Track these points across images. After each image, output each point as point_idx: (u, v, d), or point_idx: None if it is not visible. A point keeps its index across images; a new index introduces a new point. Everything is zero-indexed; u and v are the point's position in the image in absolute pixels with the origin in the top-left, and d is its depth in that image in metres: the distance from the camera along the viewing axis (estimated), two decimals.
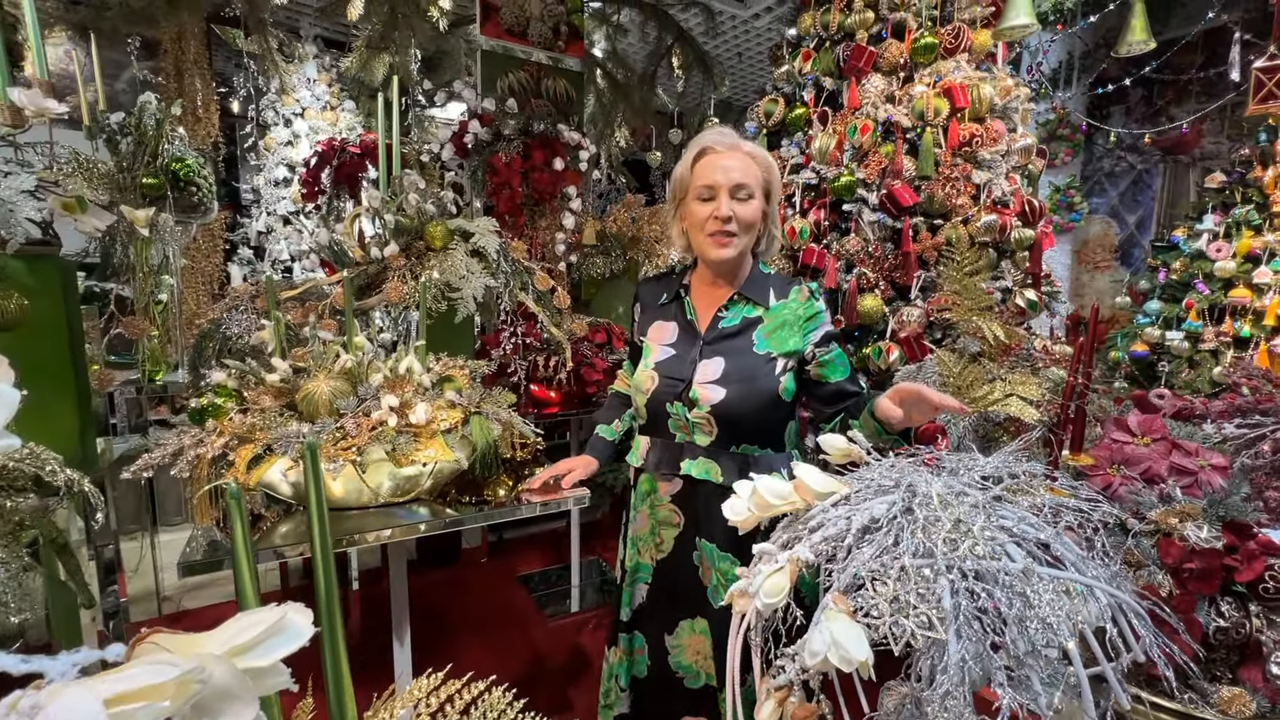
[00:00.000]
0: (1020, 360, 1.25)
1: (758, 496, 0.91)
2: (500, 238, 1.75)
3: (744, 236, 1.14)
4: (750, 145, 1.16)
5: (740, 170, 1.12)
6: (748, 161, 1.13)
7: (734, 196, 1.13)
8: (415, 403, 1.18)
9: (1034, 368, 1.22)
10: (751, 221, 1.14)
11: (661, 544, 1.24)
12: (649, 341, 1.28)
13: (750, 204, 1.13)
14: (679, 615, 1.23)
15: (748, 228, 1.14)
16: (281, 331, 1.19)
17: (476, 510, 1.33)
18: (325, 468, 1.08)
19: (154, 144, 2.30)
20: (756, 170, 1.14)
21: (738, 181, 1.12)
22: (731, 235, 1.13)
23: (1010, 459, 0.93)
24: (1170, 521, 1.30)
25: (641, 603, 1.27)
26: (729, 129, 1.18)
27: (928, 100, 1.81)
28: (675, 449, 1.22)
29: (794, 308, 1.19)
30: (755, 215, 1.14)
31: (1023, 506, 0.85)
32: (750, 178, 1.13)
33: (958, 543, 0.75)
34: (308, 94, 3.63)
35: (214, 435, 1.07)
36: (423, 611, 2.66)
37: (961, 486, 0.84)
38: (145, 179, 2.26)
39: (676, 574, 1.22)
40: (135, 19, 2.41)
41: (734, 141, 1.15)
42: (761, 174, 1.16)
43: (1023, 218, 1.88)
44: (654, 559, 1.25)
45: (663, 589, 1.25)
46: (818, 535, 0.83)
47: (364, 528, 1.20)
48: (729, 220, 1.12)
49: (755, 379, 1.15)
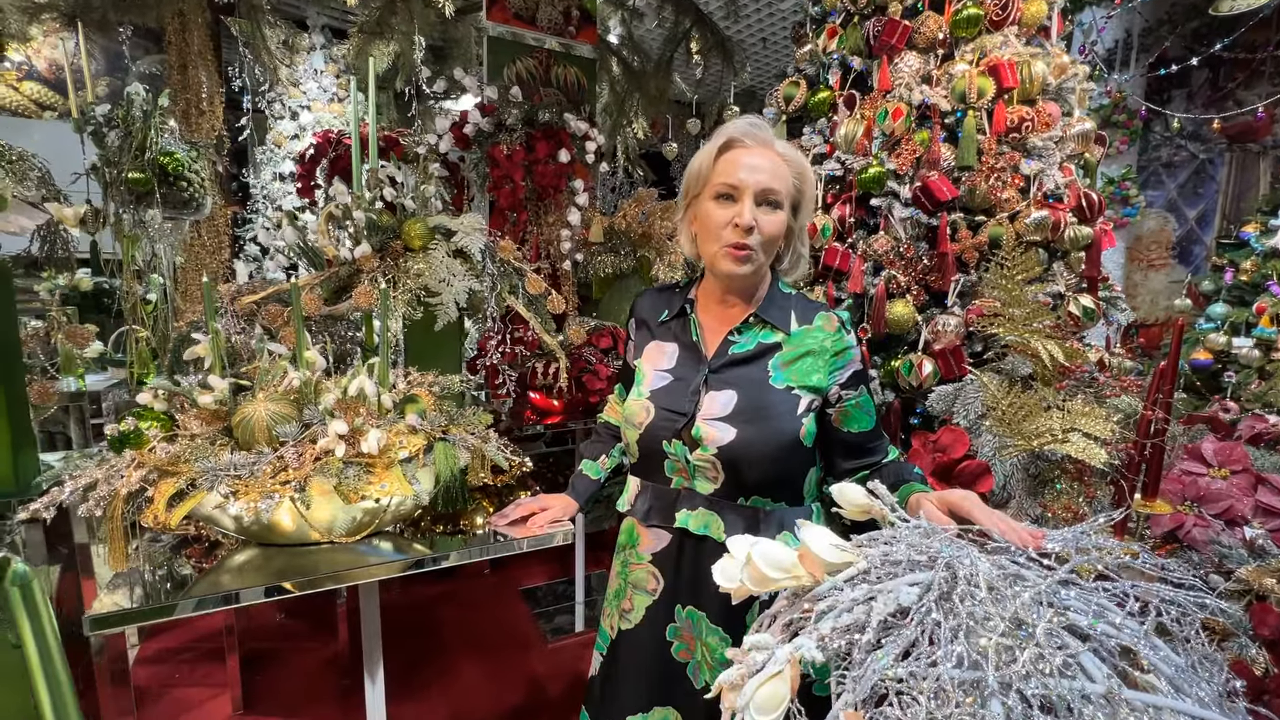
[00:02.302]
0: (1081, 385, 1.04)
1: (752, 568, 0.73)
2: (488, 236, 1.60)
3: (764, 253, 0.95)
4: (785, 146, 0.97)
5: (770, 173, 0.93)
6: (780, 164, 0.94)
7: (760, 203, 0.94)
8: (368, 429, 1.03)
9: (1098, 394, 1.01)
10: (775, 236, 0.95)
11: (628, 611, 1.05)
12: (643, 365, 1.09)
13: (776, 215, 0.94)
14: (639, 702, 1.02)
15: (770, 243, 0.95)
16: (220, 346, 1.05)
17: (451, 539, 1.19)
18: (259, 506, 0.94)
19: (141, 137, 2.20)
20: (789, 176, 0.95)
21: (766, 186, 0.92)
22: (750, 250, 0.93)
23: (1080, 534, 0.73)
24: (1266, 583, 1.08)
25: (594, 675, 1.08)
26: (762, 120, 0.99)
27: (970, 79, 1.59)
28: (670, 496, 1.02)
29: (819, 337, 0.99)
30: (780, 229, 0.95)
31: (1096, 592, 0.66)
32: (781, 183, 0.94)
33: (1015, 651, 0.57)
34: (315, 86, 3.52)
35: (131, 467, 0.93)
36: (419, 626, 2.54)
37: (1017, 568, 0.65)
38: (131, 174, 2.17)
39: (641, 651, 1.02)
40: (126, 6, 2.31)
41: (767, 138, 0.95)
42: (794, 181, 0.96)
43: (1079, 213, 1.65)
44: (614, 628, 1.07)
45: (621, 666, 1.05)
46: (826, 623, 0.65)
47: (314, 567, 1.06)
48: (750, 231, 0.92)
49: (771, 418, 0.95)
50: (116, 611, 0.90)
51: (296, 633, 2.46)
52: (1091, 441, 0.92)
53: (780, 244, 0.98)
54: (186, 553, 1.16)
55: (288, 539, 1.09)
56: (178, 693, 2.08)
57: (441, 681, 2.18)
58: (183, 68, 3.21)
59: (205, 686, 2.11)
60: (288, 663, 2.27)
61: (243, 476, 0.94)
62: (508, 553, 1.20)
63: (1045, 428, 0.93)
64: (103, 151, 2.13)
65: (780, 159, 0.94)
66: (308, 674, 2.21)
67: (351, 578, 1.05)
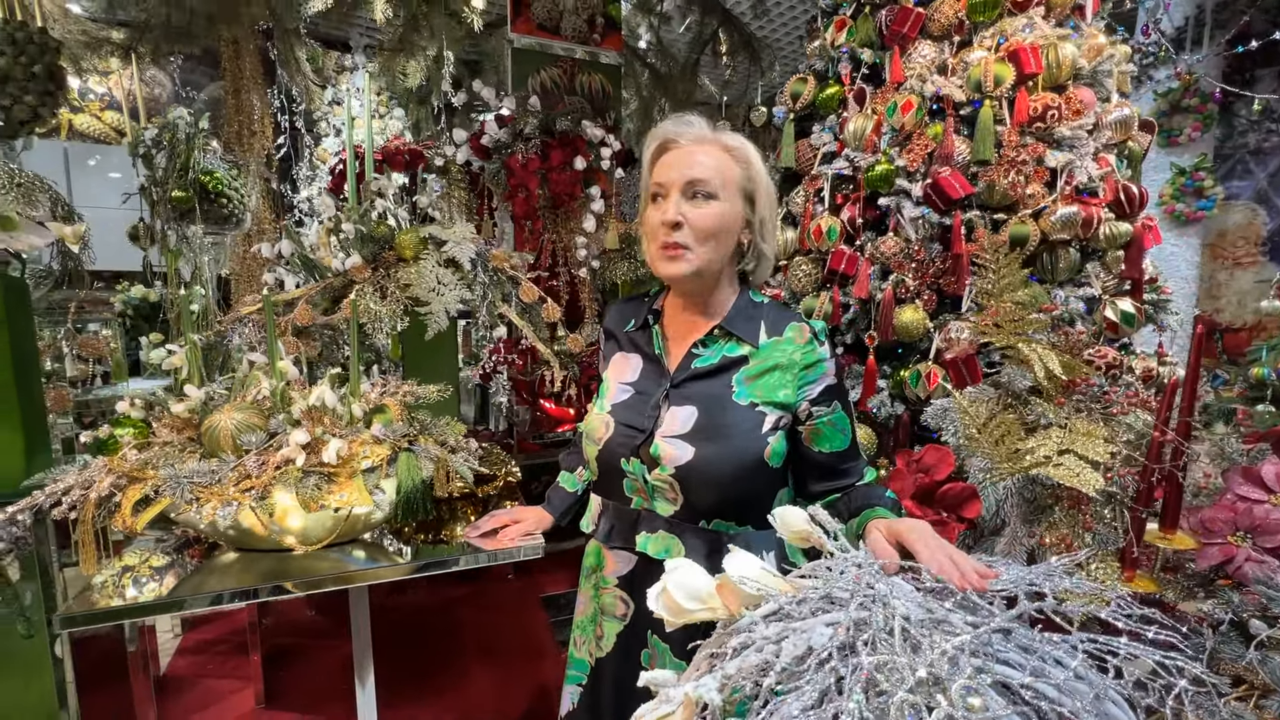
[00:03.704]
0: (1090, 401, 0.92)
1: (667, 597, 0.67)
2: (482, 245, 1.60)
3: (701, 249, 0.88)
4: (731, 137, 0.91)
5: (699, 164, 0.88)
6: (718, 156, 0.89)
7: (690, 196, 0.88)
8: (329, 439, 1.04)
9: (1105, 411, 0.89)
10: (709, 229, 0.88)
11: (601, 638, 1.00)
12: (608, 377, 1.04)
13: (709, 206, 0.88)
14: None
15: (704, 237, 0.88)
16: (197, 356, 1.09)
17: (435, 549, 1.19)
18: (217, 514, 0.96)
19: (184, 158, 2.35)
20: (728, 166, 0.89)
21: (692, 177, 0.87)
22: (681, 247, 0.88)
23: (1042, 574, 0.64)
24: None
25: (571, 709, 1.03)
26: (691, 114, 0.93)
27: (986, 67, 1.46)
28: (631, 517, 0.97)
29: (788, 349, 0.92)
30: (715, 221, 0.88)
31: (1050, 644, 0.57)
32: (711, 173, 0.88)
33: (921, 712, 0.50)
34: (357, 104, 3.68)
35: (103, 473, 0.97)
36: (437, 628, 2.58)
37: (946, 612, 0.57)
38: (175, 192, 2.32)
39: (618, 679, 0.97)
40: (176, 37, 2.48)
41: (699, 132, 0.90)
42: (737, 171, 0.90)
43: (1116, 208, 1.50)
44: (592, 655, 1.02)
45: (599, 697, 1.00)
46: (734, 663, 0.59)
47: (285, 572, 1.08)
48: (677, 226, 0.87)
49: (733, 436, 0.89)
50: (84, 612, 0.94)
51: (320, 631, 2.55)
52: (1086, 465, 0.81)
53: (735, 240, 0.92)
54: (189, 553, 1.21)
55: (264, 544, 1.12)
56: (207, 684, 2.19)
57: (450, 684, 2.19)
58: (236, 92, 3.42)
59: (233, 679, 2.21)
60: (310, 660, 2.35)
61: (204, 484, 0.97)
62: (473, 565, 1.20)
63: (1032, 449, 0.82)
64: (150, 172, 2.29)
65: (718, 148, 0.89)
66: (328, 672, 2.27)
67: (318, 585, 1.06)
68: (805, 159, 1.82)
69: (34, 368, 1.27)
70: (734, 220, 0.90)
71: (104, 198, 3.69)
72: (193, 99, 4.11)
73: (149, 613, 0.99)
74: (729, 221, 0.89)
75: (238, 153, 3.21)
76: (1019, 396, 0.98)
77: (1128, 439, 0.88)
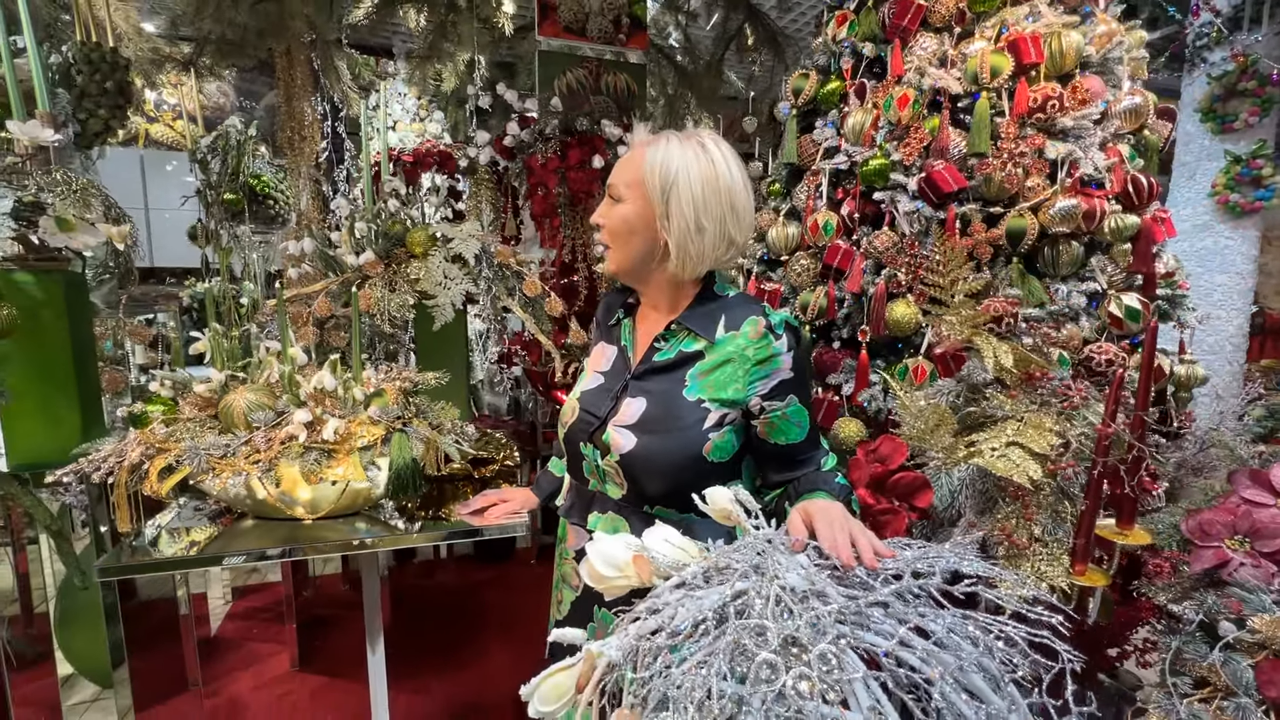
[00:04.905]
0: (1049, 395, 0.91)
1: (589, 565, 0.73)
2: (489, 241, 1.69)
3: (616, 249, 0.96)
4: (664, 141, 0.93)
5: (616, 171, 0.95)
6: (636, 156, 0.93)
7: (612, 200, 0.96)
8: (328, 419, 1.15)
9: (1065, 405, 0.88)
10: (615, 230, 0.94)
11: (561, 603, 1.08)
12: (587, 365, 1.11)
13: (618, 208, 0.94)
14: None
15: (614, 236, 0.95)
16: (219, 342, 1.22)
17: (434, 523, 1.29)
18: (229, 482, 1.08)
19: (235, 163, 2.55)
20: (638, 167, 0.93)
21: (610, 182, 0.95)
22: (606, 247, 0.97)
23: (937, 555, 0.66)
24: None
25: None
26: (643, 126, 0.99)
27: (983, 58, 1.44)
28: (587, 497, 1.04)
29: (741, 344, 0.94)
30: (620, 222, 0.94)
31: (932, 620, 0.60)
32: (624, 175, 0.94)
33: (778, 670, 0.54)
34: (399, 108, 3.87)
35: (134, 444, 1.11)
36: (460, 609, 2.72)
37: (827, 585, 0.61)
38: (226, 195, 2.52)
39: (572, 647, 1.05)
40: (230, 51, 2.69)
41: (640, 137, 0.96)
42: (646, 170, 0.92)
43: (1124, 200, 1.45)
44: (552, 619, 1.10)
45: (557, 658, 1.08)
46: (634, 627, 0.65)
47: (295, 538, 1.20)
48: (599, 229, 0.96)
49: (673, 430, 0.93)
50: (117, 565, 1.08)
51: (352, 604, 2.73)
52: (1030, 458, 0.81)
53: (637, 239, 0.95)
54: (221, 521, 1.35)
55: (277, 513, 1.24)
56: (250, 647, 2.39)
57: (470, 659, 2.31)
58: (289, 100, 3.66)
59: (273, 643, 2.40)
60: (342, 630, 2.52)
61: (218, 455, 1.09)
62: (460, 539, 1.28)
63: (981, 440, 0.83)
64: (204, 176, 2.51)
65: (639, 152, 0.94)
66: (356, 641, 2.44)
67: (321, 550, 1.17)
68: (808, 154, 1.83)
69: (90, 353, 1.44)
70: (640, 220, 0.93)
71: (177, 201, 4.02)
72: (253, 108, 4.41)
73: (173, 567, 1.13)
74: (635, 222, 0.93)
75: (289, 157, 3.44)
76: (977, 389, 0.98)
77: (1083, 433, 0.88)
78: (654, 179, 0.91)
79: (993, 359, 0.91)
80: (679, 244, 0.92)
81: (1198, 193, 2.80)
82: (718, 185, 0.92)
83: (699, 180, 0.92)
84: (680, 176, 0.91)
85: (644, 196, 0.93)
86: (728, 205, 0.93)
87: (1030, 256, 1.49)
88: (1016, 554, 0.84)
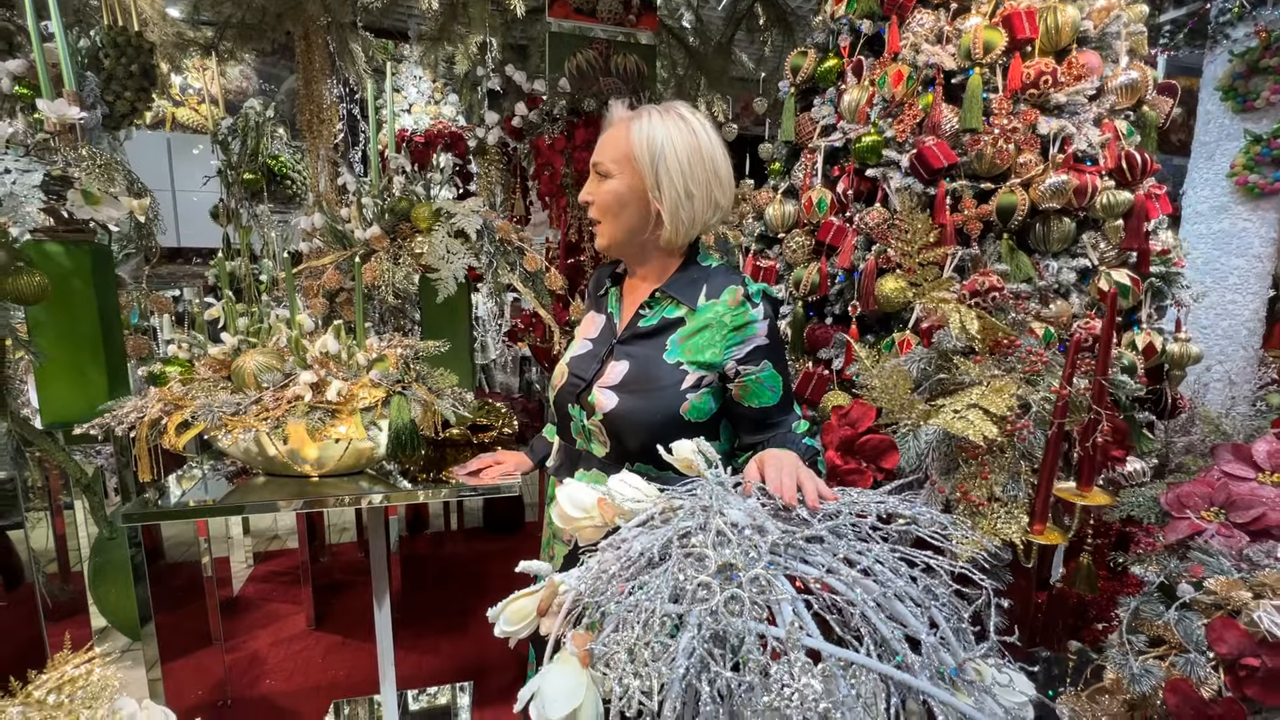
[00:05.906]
0: (1015, 362, 0.94)
1: (558, 507, 0.79)
2: (491, 217, 1.74)
3: (608, 223, 1.00)
4: (645, 116, 0.97)
5: (600, 148, 0.99)
6: (620, 132, 0.97)
7: (598, 177, 1.00)
8: (331, 380, 1.22)
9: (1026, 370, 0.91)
10: (606, 205, 0.98)
11: (554, 558, 1.14)
12: (578, 332, 1.17)
13: (606, 184, 0.98)
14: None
15: (604, 210, 0.99)
16: (232, 309, 1.29)
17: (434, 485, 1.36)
18: (240, 437, 1.16)
19: (254, 144, 2.64)
20: (626, 142, 0.96)
21: (595, 160, 0.99)
22: (597, 223, 1.01)
23: (873, 500, 0.71)
24: (1237, 595, 0.93)
25: None
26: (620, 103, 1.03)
27: (976, 33, 1.45)
28: (575, 456, 1.11)
29: (719, 311, 0.99)
30: (610, 196, 0.98)
31: (862, 554, 0.64)
32: (610, 152, 0.98)
33: (713, 590, 0.59)
34: (414, 90, 3.93)
35: (154, 401, 1.19)
36: (470, 578, 2.82)
37: (765, 518, 0.66)
38: (246, 175, 2.61)
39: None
40: (249, 35, 2.77)
41: (619, 114, 1.00)
42: (634, 144, 0.95)
43: (1118, 175, 1.45)
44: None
45: None
46: (594, 560, 0.71)
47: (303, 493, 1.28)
48: (588, 206, 1.00)
49: (653, 391, 0.98)
50: (140, 511, 1.16)
51: (366, 569, 2.84)
52: (988, 420, 0.84)
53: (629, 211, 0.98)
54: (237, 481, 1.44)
55: (287, 471, 1.32)
56: (269, 607, 2.51)
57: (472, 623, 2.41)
58: (308, 83, 3.74)
59: (291, 604, 2.52)
60: (356, 593, 2.63)
61: (229, 413, 1.17)
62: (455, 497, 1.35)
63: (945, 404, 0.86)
64: (225, 157, 2.59)
65: (625, 126, 0.97)
66: (368, 604, 2.55)
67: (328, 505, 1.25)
68: (806, 132, 1.84)
69: (116, 320, 1.53)
70: (632, 193, 0.97)
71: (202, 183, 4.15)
72: (274, 92, 4.51)
73: (193, 515, 1.21)
74: (626, 195, 0.97)
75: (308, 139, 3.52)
76: (946, 356, 1.01)
77: (1045, 397, 0.91)
78: (642, 152, 0.96)
79: (959, 326, 0.94)
80: (671, 211, 0.97)
81: (1216, 174, 2.74)
82: (700, 153, 0.97)
83: (684, 149, 0.96)
84: (666, 147, 0.95)
85: (633, 170, 0.97)
86: (711, 171, 0.98)
87: (1022, 233, 1.50)
88: (974, 511, 0.87)
